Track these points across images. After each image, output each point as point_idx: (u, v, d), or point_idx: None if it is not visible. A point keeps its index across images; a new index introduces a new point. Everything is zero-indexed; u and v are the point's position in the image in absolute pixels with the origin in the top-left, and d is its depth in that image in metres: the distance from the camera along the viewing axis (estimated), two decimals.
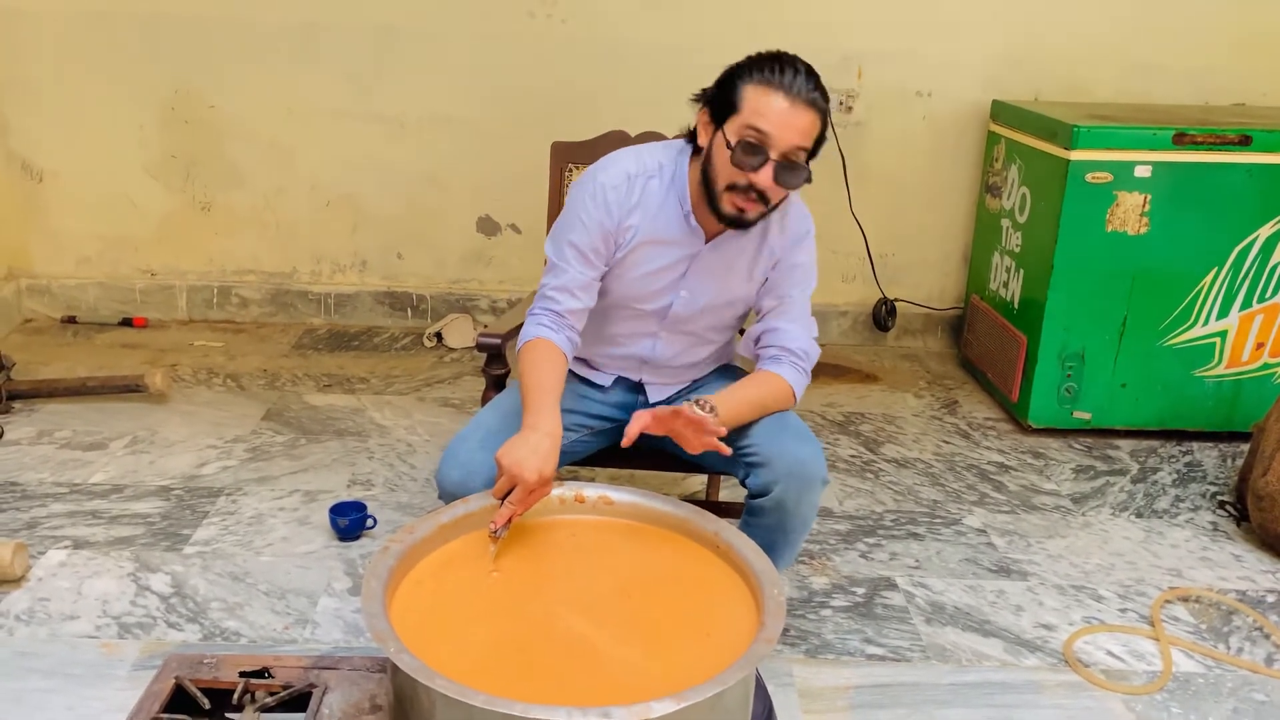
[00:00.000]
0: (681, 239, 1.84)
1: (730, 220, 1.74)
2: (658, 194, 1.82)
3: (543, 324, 1.82)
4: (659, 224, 1.83)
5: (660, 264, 1.86)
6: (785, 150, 1.66)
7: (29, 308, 3.87)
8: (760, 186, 1.68)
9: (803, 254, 1.89)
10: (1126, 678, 2.06)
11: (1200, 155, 2.88)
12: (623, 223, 1.82)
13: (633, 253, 1.85)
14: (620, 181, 1.81)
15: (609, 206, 1.80)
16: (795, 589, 2.31)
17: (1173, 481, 2.91)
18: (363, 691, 1.65)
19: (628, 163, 1.84)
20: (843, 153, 3.65)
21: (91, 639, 2.04)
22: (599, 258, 1.84)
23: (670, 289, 1.89)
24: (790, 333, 1.87)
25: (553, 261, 1.85)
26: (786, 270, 1.88)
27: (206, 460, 2.80)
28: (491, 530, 1.57)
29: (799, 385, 1.86)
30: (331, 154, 3.73)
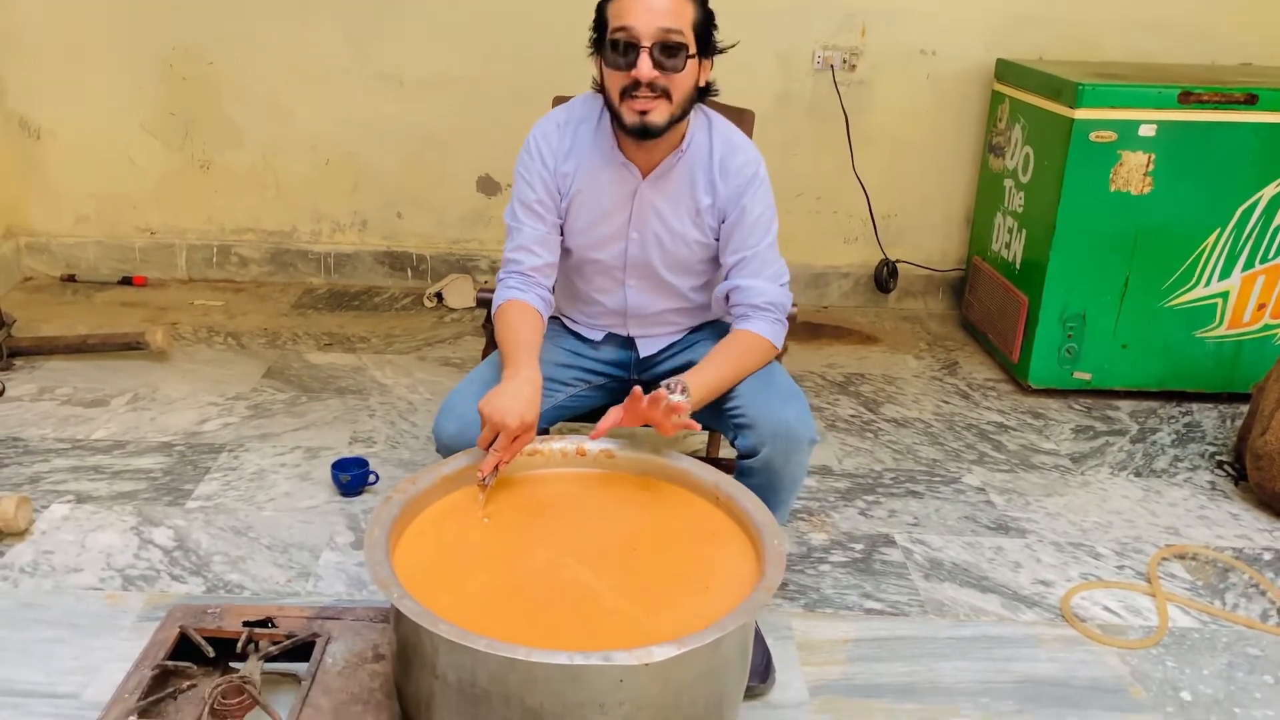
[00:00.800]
0: (618, 178, 1.86)
1: (639, 130, 1.74)
2: (588, 138, 1.87)
3: (510, 286, 1.87)
4: (594, 166, 1.86)
5: (604, 208, 1.88)
6: (654, 36, 1.68)
7: (28, 266, 3.87)
8: (644, 78, 1.69)
9: (755, 201, 1.86)
10: (1123, 632, 2.08)
11: (1205, 114, 2.86)
12: (559, 169, 1.86)
13: (575, 200, 1.88)
14: (551, 130, 1.88)
15: (543, 156, 1.86)
16: (794, 545, 2.32)
17: (1172, 442, 2.92)
18: (365, 641, 1.68)
19: (557, 114, 1.91)
20: (846, 112, 3.63)
21: (96, 591, 2.06)
22: (548, 210, 1.88)
23: (620, 233, 1.90)
24: (755, 289, 1.85)
25: (509, 226, 1.91)
26: (739, 220, 1.86)
27: (208, 417, 2.81)
28: (480, 479, 1.59)
29: (776, 336, 1.86)
30: (331, 112, 3.71)
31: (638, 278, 1.95)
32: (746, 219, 1.85)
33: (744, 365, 1.81)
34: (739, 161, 1.86)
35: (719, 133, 1.88)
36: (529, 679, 1.21)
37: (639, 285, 1.96)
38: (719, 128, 1.89)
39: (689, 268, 1.95)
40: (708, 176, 1.86)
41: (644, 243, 1.90)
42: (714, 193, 1.86)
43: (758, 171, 1.87)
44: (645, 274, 1.95)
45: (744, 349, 1.82)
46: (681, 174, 1.86)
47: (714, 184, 1.86)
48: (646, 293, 1.97)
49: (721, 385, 1.78)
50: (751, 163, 1.87)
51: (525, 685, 1.21)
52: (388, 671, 1.58)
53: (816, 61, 3.61)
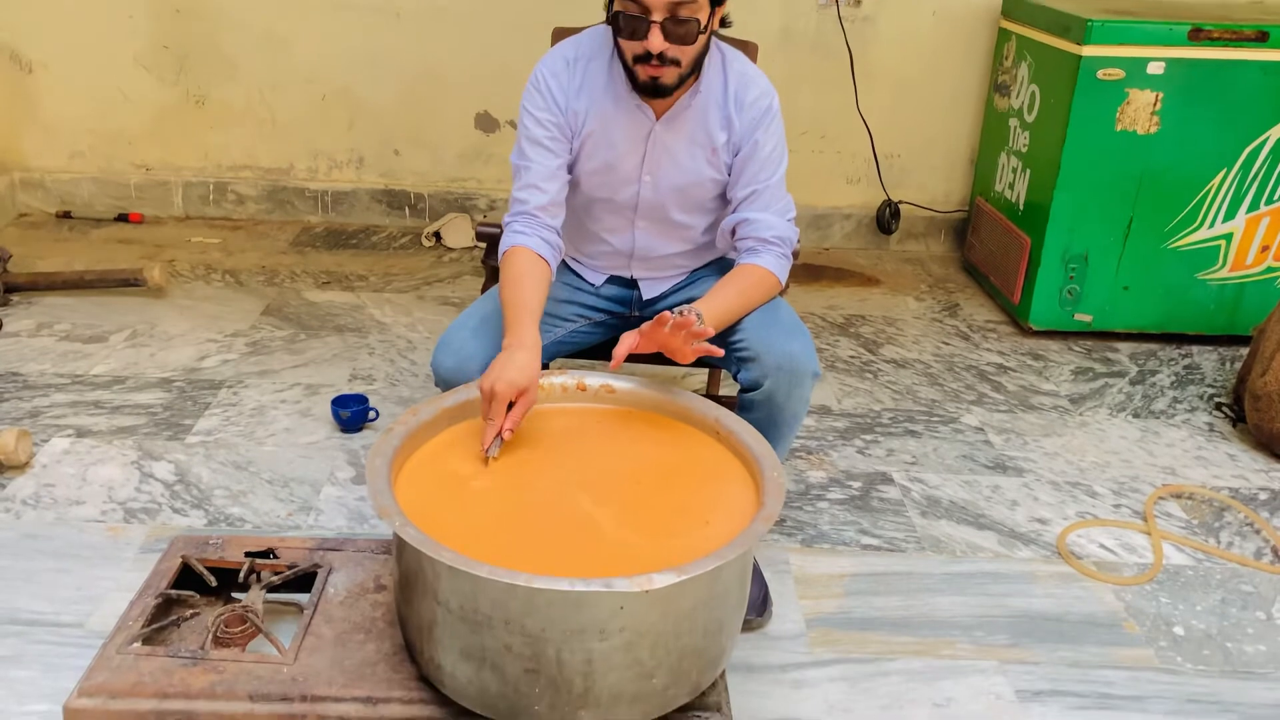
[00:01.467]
0: (631, 119, 1.82)
1: (650, 89, 1.73)
2: (600, 75, 1.82)
3: (518, 230, 1.79)
4: (606, 104, 1.82)
5: (617, 149, 1.84)
6: (664, 10, 1.64)
7: (23, 202, 3.83)
8: (655, 50, 1.67)
9: (768, 135, 1.83)
10: (1117, 569, 2.09)
11: (1215, 52, 2.82)
12: (570, 106, 1.81)
13: (588, 140, 1.84)
14: (560, 68, 1.82)
15: (553, 92, 1.81)
16: (793, 483, 2.33)
17: (1171, 383, 2.92)
18: (367, 572, 1.69)
19: (566, 49, 1.85)
20: (851, 49, 3.57)
21: (98, 523, 2.07)
22: (558, 144, 1.82)
23: (633, 176, 1.86)
24: (763, 222, 1.83)
25: (516, 166, 1.85)
26: (751, 154, 1.83)
27: (207, 354, 2.80)
28: (484, 450, 1.55)
29: (782, 271, 1.84)
30: (327, 46, 3.65)
31: (648, 220, 1.93)
32: (760, 153, 1.83)
33: (751, 298, 1.80)
34: (753, 95, 1.83)
35: (733, 68, 1.85)
36: (530, 605, 1.22)
37: (648, 227, 1.94)
38: (733, 62, 1.85)
39: (701, 206, 1.93)
40: (722, 112, 1.83)
41: (657, 185, 1.87)
42: (729, 128, 1.83)
43: (771, 105, 1.84)
44: (656, 216, 1.92)
45: (751, 282, 1.80)
46: (696, 112, 1.83)
47: (729, 119, 1.83)
48: (655, 235, 1.95)
49: (730, 317, 1.76)
50: (765, 95, 1.84)
51: (526, 611, 1.22)
52: (389, 601, 1.59)
53: None
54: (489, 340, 1.77)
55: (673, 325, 1.60)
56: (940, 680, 1.77)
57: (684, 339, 1.61)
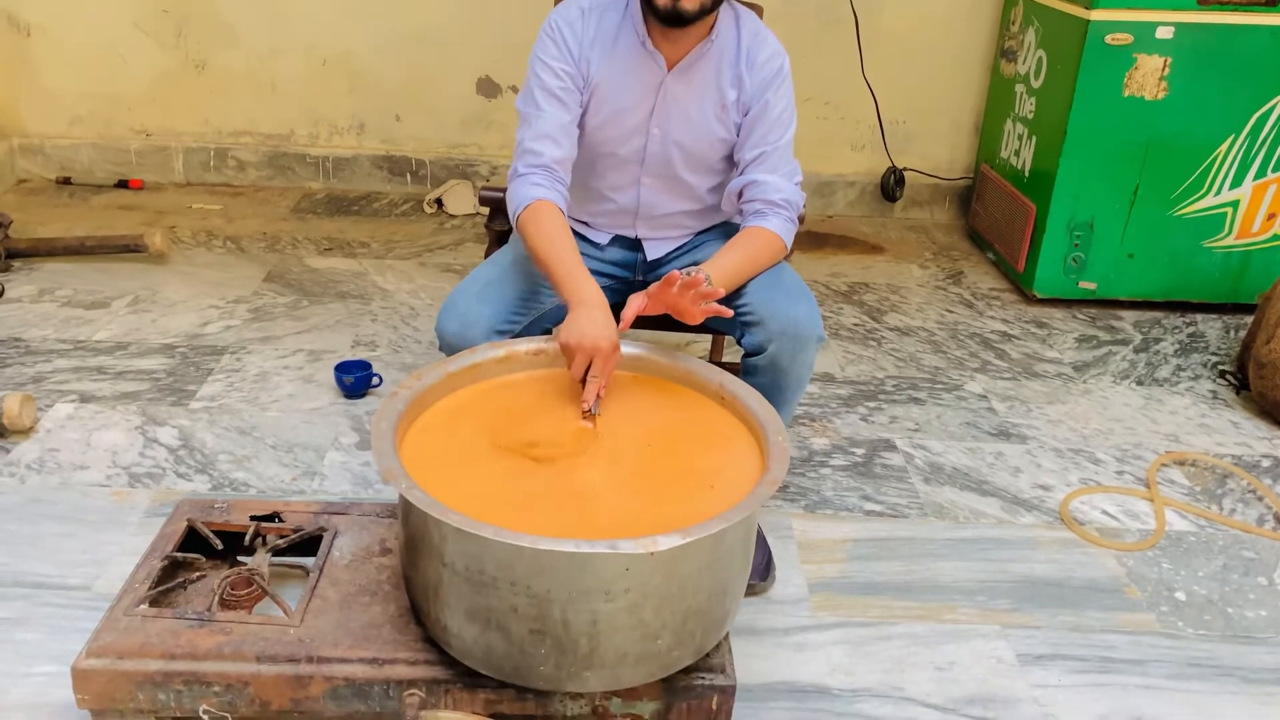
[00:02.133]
0: (642, 69, 1.81)
1: (669, 14, 1.70)
2: (613, 25, 1.80)
3: (536, 183, 1.76)
4: (618, 55, 1.80)
5: (626, 100, 1.82)
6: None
7: (23, 168, 3.81)
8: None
9: (779, 96, 1.82)
10: (1120, 535, 2.10)
11: (1225, 16, 2.79)
12: (583, 54, 1.80)
13: (598, 90, 1.82)
14: (575, 17, 1.80)
15: (567, 42, 1.79)
16: (796, 449, 2.33)
17: (1175, 351, 2.92)
18: (372, 535, 1.69)
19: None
20: (856, 14, 3.53)
21: (102, 488, 2.07)
22: (571, 96, 1.80)
23: (641, 128, 1.85)
24: (771, 184, 1.82)
25: (525, 113, 1.81)
26: (761, 114, 1.82)
27: (209, 320, 2.80)
28: (585, 410, 1.57)
29: (788, 235, 1.83)
30: (328, 11, 3.61)
31: (654, 176, 1.91)
32: (769, 114, 1.82)
33: (758, 262, 1.79)
34: (766, 54, 1.82)
35: (746, 25, 1.83)
36: (536, 566, 1.22)
37: (654, 184, 1.92)
38: (746, 20, 1.84)
39: (708, 165, 1.91)
40: (734, 70, 1.81)
41: (664, 139, 1.86)
42: (740, 85, 1.82)
43: (783, 66, 1.83)
44: (662, 172, 1.91)
45: (759, 245, 1.79)
46: (708, 66, 1.81)
47: (740, 77, 1.81)
48: (660, 192, 1.94)
49: (738, 279, 1.75)
50: (777, 56, 1.83)
51: (532, 572, 1.22)
52: (395, 564, 1.59)
53: None
54: (493, 304, 1.76)
55: (681, 285, 1.59)
56: (942, 644, 1.78)
57: (692, 299, 1.60)
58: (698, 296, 1.60)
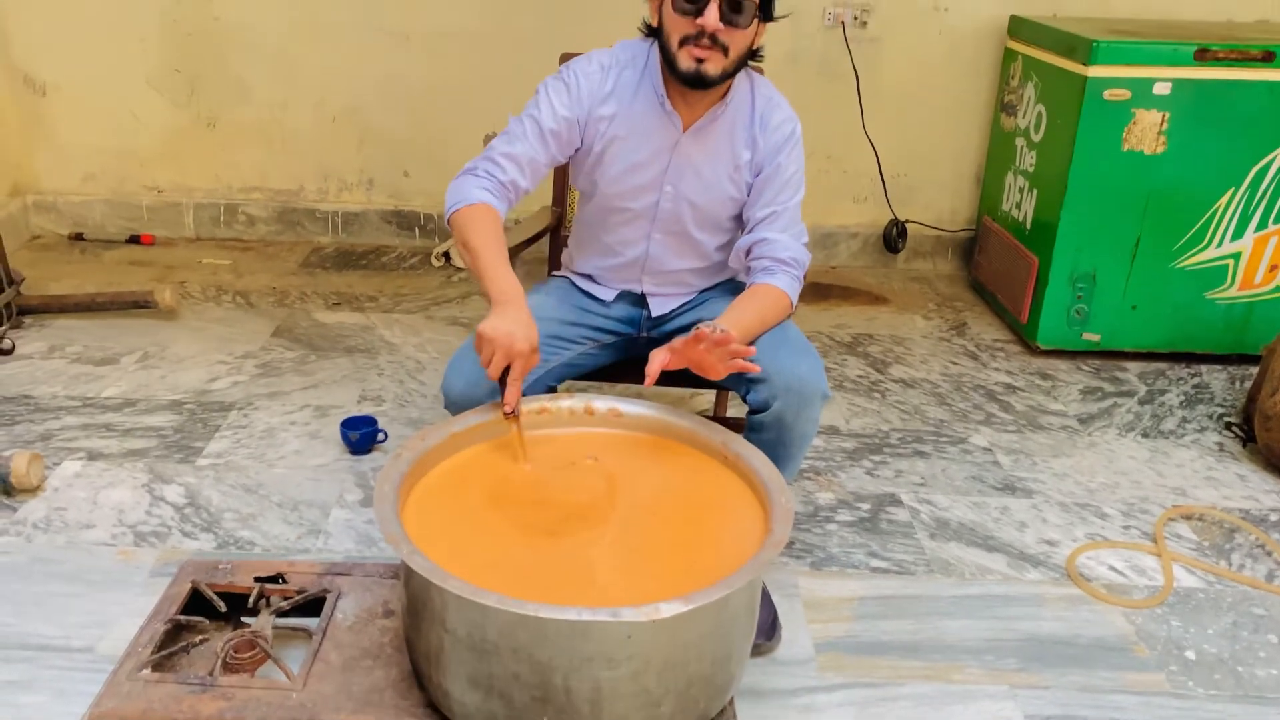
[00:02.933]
0: (659, 128, 1.84)
1: (691, 78, 1.73)
2: (632, 83, 1.84)
3: (486, 189, 1.77)
4: (635, 112, 1.83)
5: (641, 156, 1.86)
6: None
7: (36, 224, 3.86)
8: (709, 28, 1.68)
9: (790, 159, 1.87)
10: (1128, 592, 2.09)
11: (1222, 72, 2.82)
12: (595, 112, 1.83)
13: (612, 145, 1.85)
14: (594, 71, 1.84)
15: (580, 93, 1.82)
16: (801, 504, 2.33)
17: (1180, 403, 2.92)
18: (375, 597, 1.69)
19: (601, 56, 1.87)
20: (856, 69, 3.58)
21: (108, 546, 2.08)
22: (555, 142, 1.83)
23: (654, 185, 1.88)
24: (780, 243, 1.85)
25: (511, 129, 1.83)
26: (772, 176, 1.86)
27: (217, 375, 2.82)
28: (508, 412, 1.58)
29: (794, 293, 1.86)
30: (337, 68, 3.68)
31: (664, 232, 1.94)
32: (781, 175, 1.86)
33: (767, 319, 1.81)
34: (779, 118, 1.86)
35: (760, 90, 1.88)
36: (538, 634, 1.22)
37: (663, 240, 1.95)
38: (760, 85, 1.89)
39: (718, 224, 1.94)
40: (748, 132, 1.86)
41: (677, 196, 1.89)
42: (753, 147, 1.86)
43: (795, 130, 1.87)
44: (672, 229, 1.93)
45: (768, 303, 1.81)
46: (722, 128, 1.85)
47: (754, 139, 1.86)
48: (669, 248, 1.96)
49: (748, 336, 1.75)
50: (790, 120, 1.88)
51: (535, 640, 1.22)
52: (398, 626, 1.59)
53: (827, 18, 3.57)
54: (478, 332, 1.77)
55: (710, 343, 1.58)
56: (950, 705, 1.76)
57: (719, 356, 1.60)
58: (725, 354, 1.59)
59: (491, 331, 1.57)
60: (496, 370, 1.59)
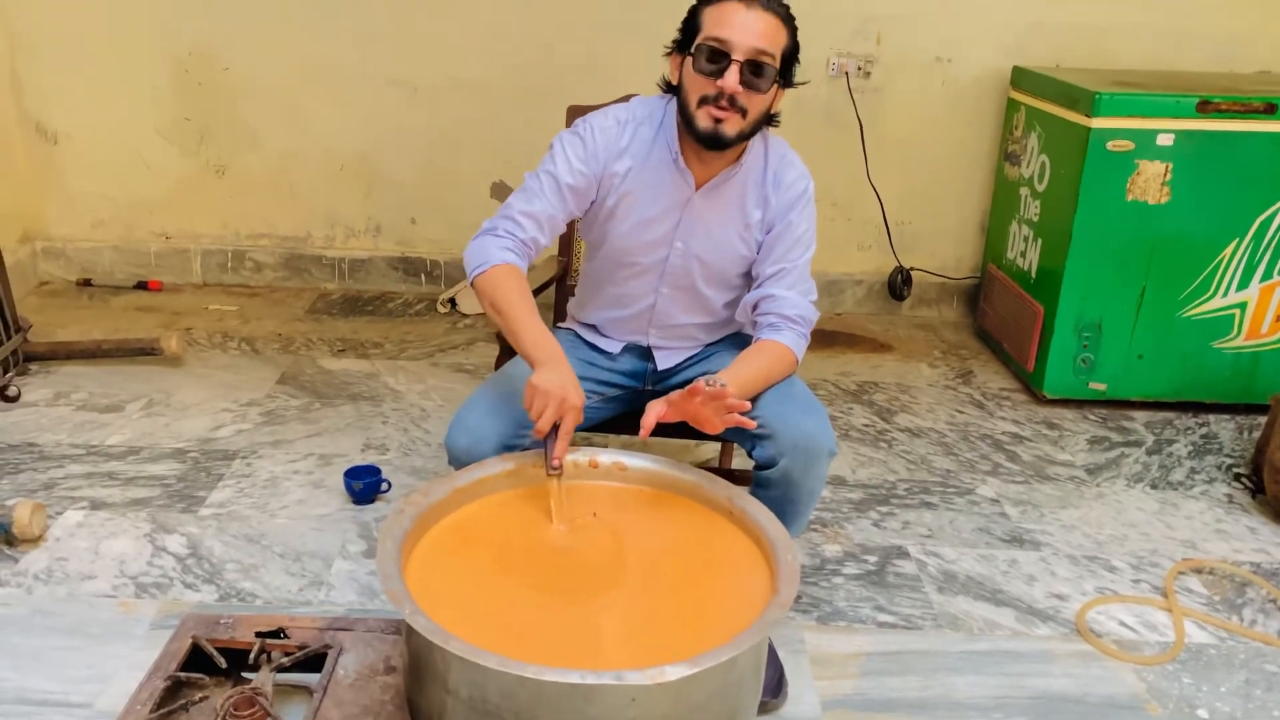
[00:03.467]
0: (672, 185, 1.85)
1: (709, 137, 1.74)
2: (647, 139, 1.85)
3: (508, 249, 1.79)
4: (649, 168, 1.84)
5: (653, 212, 1.86)
6: (748, 53, 1.69)
7: (45, 270, 3.89)
8: (728, 89, 1.69)
9: (802, 217, 1.88)
10: (1139, 648, 2.06)
11: (1224, 124, 2.84)
12: (609, 167, 1.84)
13: (624, 200, 1.86)
14: (610, 125, 1.85)
15: (596, 148, 1.83)
16: (808, 556, 2.31)
17: (1188, 453, 2.90)
18: (377, 653, 1.67)
19: (618, 110, 1.88)
20: (860, 119, 3.61)
21: (109, 598, 2.06)
22: (573, 197, 1.84)
23: (665, 240, 1.89)
24: (788, 299, 1.86)
25: (528, 186, 1.85)
26: (782, 233, 1.87)
27: (222, 423, 2.81)
28: (553, 468, 1.58)
29: (800, 350, 1.87)
30: (346, 117, 3.72)
31: (672, 287, 1.95)
32: (791, 233, 1.87)
33: (772, 374, 1.81)
34: (791, 176, 1.87)
35: (774, 149, 1.89)
36: (540, 697, 1.20)
37: (671, 294, 1.96)
38: (774, 144, 1.90)
39: (726, 281, 1.95)
40: (760, 191, 1.87)
41: (687, 253, 1.90)
42: (765, 205, 1.87)
43: (807, 189, 1.89)
44: (681, 284, 1.94)
45: (773, 358, 1.81)
46: (735, 187, 1.86)
47: (766, 197, 1.87)
48: (676, 303, 1.97)
49: (752, 390, 1.75)
50: (802, 179, 1.89)
51: (537, 703, 1.21)
52: (399, 683, 1.57)
53: (831, 68, 3.60)
54: (503, 419, 1.77)
55: (705, 397, 1.59)
56: None
57: (715, 410, 1.60)
58: (721, 408, 1.60)
59: (545, 384, 1.59)
60: (547, 425, 1.59)
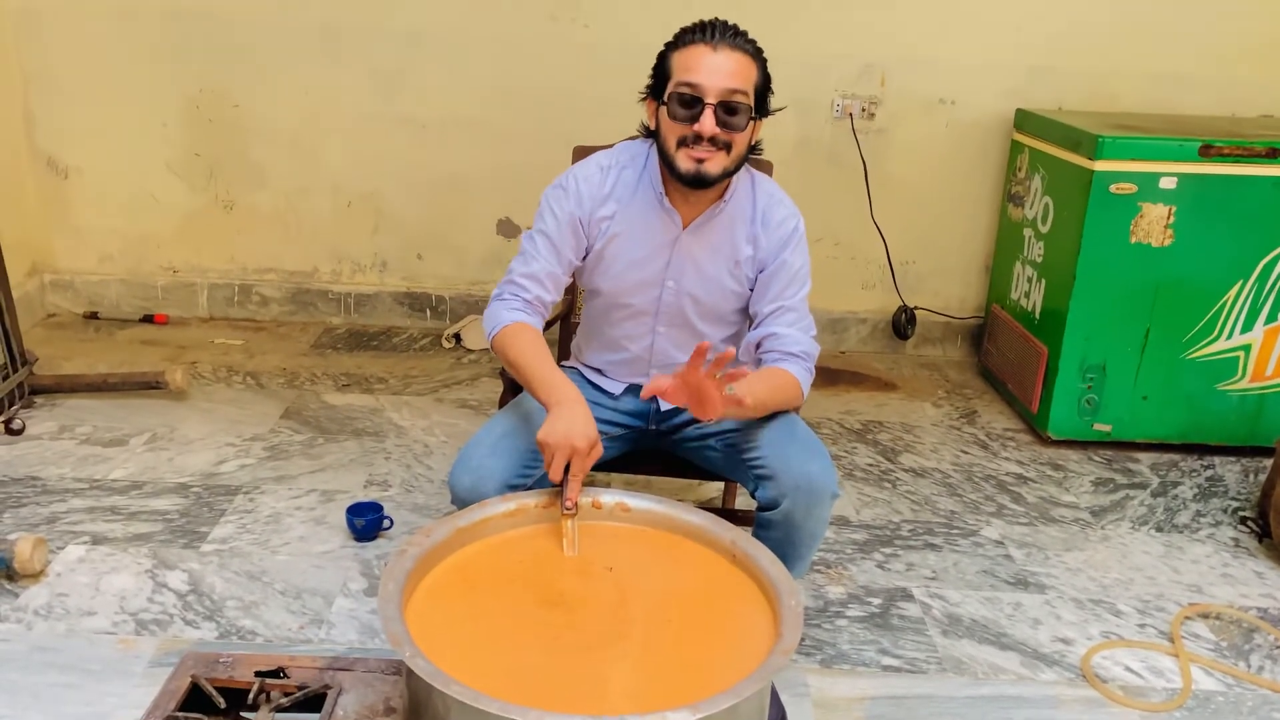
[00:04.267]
0: (659, 225, 1.87)
1: (692, 179, 1.76)
2: (631, 183, 1.87)
3: (516, 309, 1.85)
4: (635, 211, 1.87)
5: (642, 253, 1.88)
6: (720, 95, 1.72)
7: (52, 303, 3.91)
8: (706, 133, 1.72)
9: (795, 255, 1.89)
10: (1145, 694, 2.04)
11: (1226, 168, 2.86)
12: (595, 213, 1.87)
13: (612, 243, 1.88)
14: (593, 173, 1.88)
15: (580, 197, 1.86)
16: (811, 598, 2.30)
17: (1194, 496, 2.89)
18: (377, 694, 1.65)
19: (600, 158, 1.91)
20: (865, 160, 3.64)
21: (109, 635, 2.05)
22: (568, 249, 1.88)
23: (657, 280, 1.91)
24: (790, 337, 1.86)
25: (525, 248, 1.90)
26: (777, 272, 1.88)
27: (225, 458, 2.81)
28: (567, 508, 1.60)
29: (806, 383, 1.87)
30: (354, 155, 3.75)
31: (668, 325, 1.96)
32: (786, 271, 1.88)
33: (780, 396, 1.81)
34: (781, 215, 1.89)
35: (761, 187, 1.91)
36: None
37: (668, 333, 1.97)
38: (761, 182, 1.92)
39: (722, 317, 1.96)
40: (749, 229, 1.88)
41: (679, 291, 1.91)
42: (755, 244, 1.88)
43: (798, 226, 1.90)
44: (677, 322, 1.95)
45: (781, 382, 1.82)
46: (723, 224, 1.88)
47: (756, 236, 1.88)
48: (674, 342, 1.97)
49: (761, 402, 1.74)
50: (792, 217, 1.90)
51: None
52: None
53: (836, 110, 3.63)
54: (506, 458, 1.77)
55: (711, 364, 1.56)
56: None
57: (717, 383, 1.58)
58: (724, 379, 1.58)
59: (547, 436, 1.61)
60: (558, 471, 1.61)
